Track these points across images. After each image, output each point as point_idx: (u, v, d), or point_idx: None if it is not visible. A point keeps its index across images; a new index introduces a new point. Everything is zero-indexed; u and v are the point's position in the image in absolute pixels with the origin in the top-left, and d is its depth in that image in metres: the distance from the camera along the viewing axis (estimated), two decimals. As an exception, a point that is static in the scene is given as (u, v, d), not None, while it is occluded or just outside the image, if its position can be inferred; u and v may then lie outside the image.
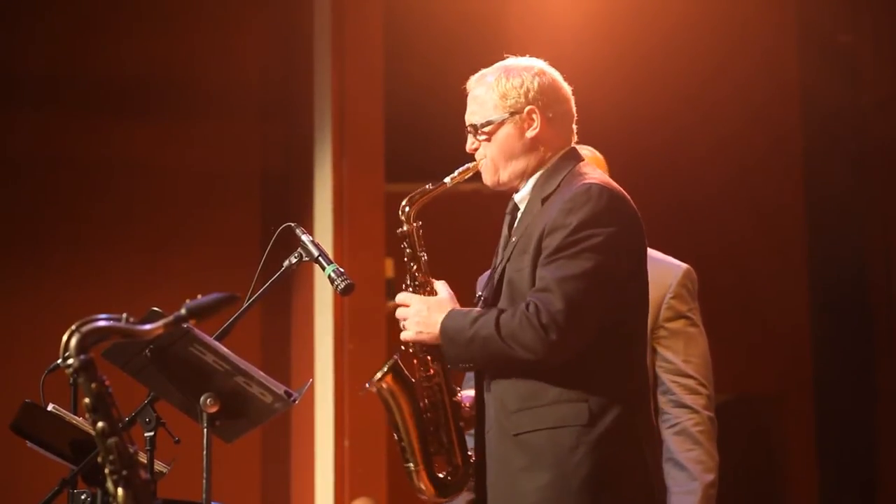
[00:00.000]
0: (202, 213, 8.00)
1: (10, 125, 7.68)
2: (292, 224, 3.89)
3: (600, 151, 4.40)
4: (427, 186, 3.73)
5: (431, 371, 3.71)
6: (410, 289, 3.70)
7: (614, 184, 3.64)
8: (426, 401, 3.72)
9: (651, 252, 4.42)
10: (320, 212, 7.88)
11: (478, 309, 3.63)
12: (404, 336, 3.65)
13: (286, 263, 3.85)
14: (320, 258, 3.82)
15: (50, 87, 7.80)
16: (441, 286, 3.70)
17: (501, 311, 3.51)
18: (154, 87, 7.93)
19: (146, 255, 7.82)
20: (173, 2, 7.99)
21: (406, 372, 3.72)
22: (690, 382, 4.33)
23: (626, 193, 3.63)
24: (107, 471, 2.42)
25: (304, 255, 3.84)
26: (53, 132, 7.77)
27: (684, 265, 4.43)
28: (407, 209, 3.72)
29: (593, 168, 3.71)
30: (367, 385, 3.72)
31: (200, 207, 7.99)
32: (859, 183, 8.78)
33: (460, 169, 3.74)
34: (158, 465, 3.84)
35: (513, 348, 3.46)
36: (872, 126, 8.76)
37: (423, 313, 3.62)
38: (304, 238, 3.86)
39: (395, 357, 3.71)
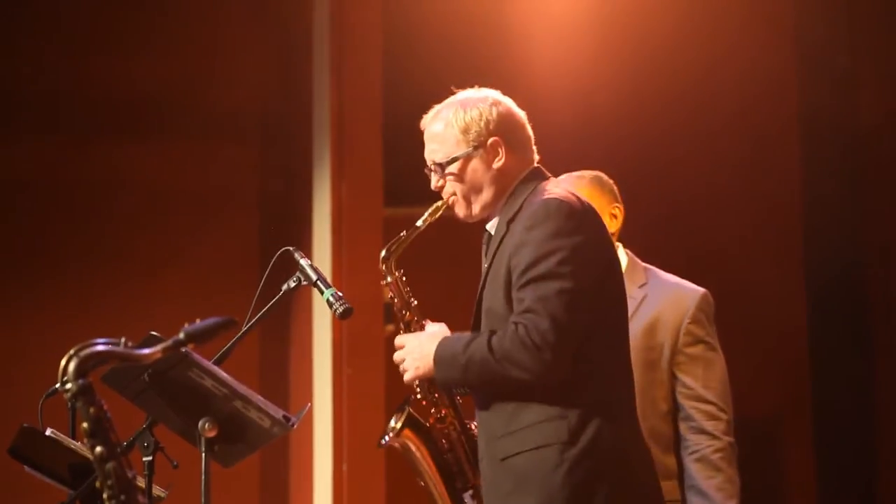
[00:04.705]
0: (200, 236, 7.99)
1: (9, 146, 7.68)
2: (290, 248, 3.90)
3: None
4: (401, 234, 3.77)
5: (443, 412, 3.74)
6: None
7: (575, 196, 3.63)
8: (443, 442, 3.74)
9: (668, 276, 4.45)
10: (319, 235, 7.88)
11: (468, 334, 3.64)
12: (405, 378, 3.66)
13: (284, 287, 3.85)
14: (319, 282, 3.82)
15: (49, 109, 7.81)
16: (435, 325, 3.73)
17: (492, 334, 3.50)
18: (153, 109, 7.94)
19: (144, 278, 7.81)
20: (172, 24, 7.99)
21: (420, 419, 3.74)
22: (710, 408, 4.36)
23: (588, 204, 3.63)
24: (105, 495, 2.41)
25: (302, 278, 3.84)
26: (52, 154, 7.77)
27: (701, 289, 4.45)
28: (387, 261, 3.76)
29: (556, 183, 3.71)
30: (384, 440, 3.75)
31: (198, 230, 7.99)
32: (856, 193, 8.77)
33: (430, 210, 3.76)
34: (156, 490, 3.84)
35: (508, 369, 3.45)
36: (870, 140, 8.76)
37: (416, 349, 3.64)
38: (303, 262, 3.87)
39: (407, 407, 3.74)
